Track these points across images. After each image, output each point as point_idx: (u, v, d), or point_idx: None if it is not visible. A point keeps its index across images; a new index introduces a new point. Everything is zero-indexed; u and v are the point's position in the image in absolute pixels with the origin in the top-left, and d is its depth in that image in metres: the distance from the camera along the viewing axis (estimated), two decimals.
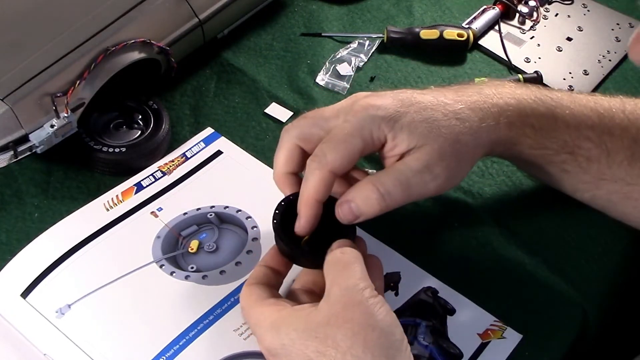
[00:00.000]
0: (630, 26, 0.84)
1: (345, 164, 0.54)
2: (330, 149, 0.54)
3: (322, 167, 0.53)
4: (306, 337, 0.48)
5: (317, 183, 0.53)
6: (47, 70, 0.62)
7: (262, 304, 0.52)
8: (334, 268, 0.51)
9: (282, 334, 0.49)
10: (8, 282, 0.58)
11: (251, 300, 0.52)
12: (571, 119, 0.61)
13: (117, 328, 0.57)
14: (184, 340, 0.56)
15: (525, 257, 0.64)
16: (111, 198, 0.65)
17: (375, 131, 0.55)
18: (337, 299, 0.49)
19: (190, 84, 0.75)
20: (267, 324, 0.50)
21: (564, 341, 0.60)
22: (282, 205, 0.57)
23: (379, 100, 0.56)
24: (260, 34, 0.81)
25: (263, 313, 0.51)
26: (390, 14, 0.85)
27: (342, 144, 0.54)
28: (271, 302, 0.52)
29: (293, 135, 0.57)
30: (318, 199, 0.54)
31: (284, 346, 0.49)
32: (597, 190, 0.63)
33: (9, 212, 0.64)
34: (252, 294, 0.53)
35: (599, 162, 0.61)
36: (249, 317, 0.53)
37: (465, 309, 0.60)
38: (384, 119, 0.55)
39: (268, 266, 0.55)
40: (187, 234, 0.63)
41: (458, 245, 0.65)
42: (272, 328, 0.50)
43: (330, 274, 0.51)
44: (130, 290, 0.59)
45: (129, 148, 0.67)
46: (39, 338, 0.56)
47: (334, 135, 0.55)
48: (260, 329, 0.51)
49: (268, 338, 0.50)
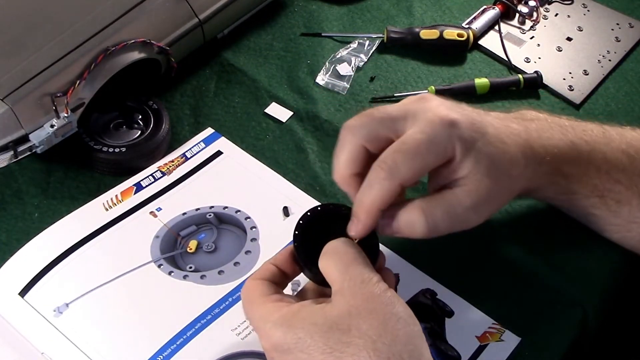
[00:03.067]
0: (630, 26, 0.84)
1: (416, 178, 0.52)
2: (405, 161, 0.51)
3: (392, 178, 0.51)
4: (327, 329, 0.47)
5: (385, 194, 0.52)
6: (47, 70, 0.63)
7: (267, 299, 0.50)
8: (339, 262, 0.50)
9: (296, 328, 0.47)
10: (6, 280, 0.59)
11: (255, 294, 0.51)
12: (603, 164, 0.60)
13: (114, 327, 0.57)
14: (181, 339, 0.56)
15: (524, 258, 0.64)
16: (110, 198, 0.65)
17: (450, 150, 0.52)
18: (354, 292, 0.48)
19: (190, 84, 0.76)
20: (275, 318, 0.48)
21: (564, 342, 0.60)
22: (307, 215, 0.54)
23: (453, 114, 0.53)
24: (260, 34, 0.81)
25: (269, 308, 0.49)
26: (390, 14, 0.85)
27: (418, 158, 0.52)
28: (277, 298, 0.50)
29: (359, 135, 0.54)
30: (382, 208, 0.52)
31: (299, 340, 0.47)
32: (627, 232, 0.62)
33: (9, 212, 0.64)
34: (255, 288, 0.51)
35: (630, 205, 0.60)
36: (252, 312, 0.51)
37: (463, 311, 0.60)
38: (460, 139, 0.52)
39: (277, 266, 0.53)
40: (186, 234, 0.63)
41: (457, 247, 0.65)
42: (284, 323, 0.48)
43: (335, 268, 0.50)
44: (128, 290, 0.59)
45: (129, 148, 0.67)
46: (37, 336, 0.56)
47: (409, 146, 0.52)
48: (267, 323, 0.49)
49: (277, 333, 0.48)
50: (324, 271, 0.51)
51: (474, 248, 0.65)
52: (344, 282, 0.49)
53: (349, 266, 0.49)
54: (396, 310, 0.47)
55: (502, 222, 0.66)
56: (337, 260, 0.50)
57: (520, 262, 0.64)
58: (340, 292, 0.48)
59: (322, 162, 0.70)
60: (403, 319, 0.47)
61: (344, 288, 0.48)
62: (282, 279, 0.53)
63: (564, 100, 0.78)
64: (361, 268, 0.49)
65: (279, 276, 0.53)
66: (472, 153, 0.53)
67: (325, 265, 0.51)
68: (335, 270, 0.50)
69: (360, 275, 0.49)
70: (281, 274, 0.53)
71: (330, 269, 0.50)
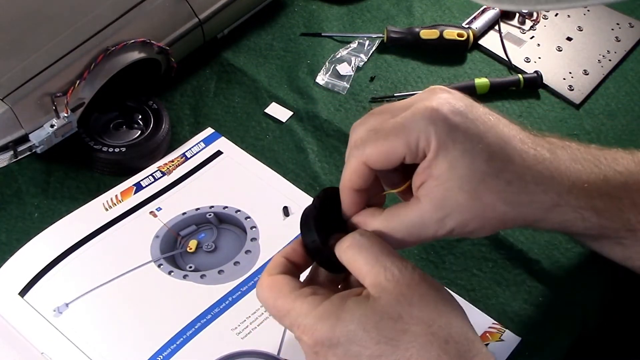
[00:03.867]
0: (630, 26, 0.84)
1: (382, 162, 0.49)
2: (372, 140, 0.49)
3: (357, 155, 0.50)
4: (378, 319, 0.45)
5: (351, 172, 0.50)
6: (47, 70, 0.63)
7: (300, 293, 0.47)
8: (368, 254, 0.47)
9: (346, 320, 0.45)
10: (6, 280, 0.59)
11: (284, 290, 0.48)
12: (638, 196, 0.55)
13: (114, 327, 0.57)
14: (181, 339, 0.56)
15: (524, 258, 0.64)
16: (110, 198, 0.65)
17: (423, 141, 0.48)
18: (396, 281, 0.46)
19: (190, 84, 0.76)
20: (318, 313, 0.46)
21: (564, 342, 0.60)
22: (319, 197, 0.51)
23: (445, 107, 0.49)
24: (260, 34, 0.81)
25: (307, 303, 0.47)
26: (390, 14, 0.85)
27: (383, 141, 0.49)
28: (310, 291, 0.48)
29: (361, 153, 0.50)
30: (352, 187, 0.50)
31: (350, 332, 0.45)
32: None
33: (9, 212, 0.64)
34: (282, 284, 0.49)
35: None
36: (285, 308, 0.48)
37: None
38: (437, 133, 0.48)
39: (288, 259, 0.51)
40: (186, 234, 0.63)
41: (457, 246, 0.65)
42: (331, 316, 0.46)
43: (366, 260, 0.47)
44: (128, 289, 0.59)
45: (129, 148, 0.67)
46: (37, 336, 0.56)
47: (382, 127, 0.49)
48: (308, 318, 0.46)
49: (323, 327, 0.46)
50: (350, 266, 0.48)
51: (474, 248, 0.65)
52: (379, 274, 0.47)
53: (379, 257, 0.47)
54: (442, 293, 0.47)
55: None
56: (365, 253, 0.48)
57: (520, 263, 0.64)
58: (379, 284, 0.46)
59: (322, 162, 0.70)
60: (450, 300, 0.47)
61: (381, 280, 0.46)
62: (295, 271, 0.51)
63: (564, 100, 0.78)
64: (392, 257, 0.47)
65: (292, 269, 0.51)
66: (448, 153, 0.48)
67: (351, 260, 0.48)
68: (365, 264, 0.47)
69: (394, 263, 0.47)
70: (293, 267, 0.51)
71: (359, 264, 0.48)
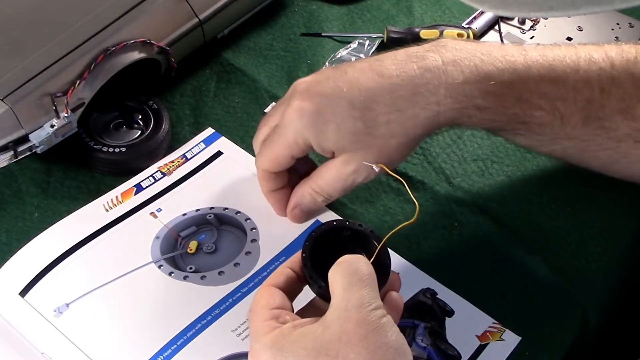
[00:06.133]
0: (630, 26, 0.84)
1: (276, 167, 0.61)
2: (262, 153, 0.62)
3: (259, 166, 0.63)
4: (316, 354, 0.46)
5: (261, 177, 0.63)
6: (47, 70, 0.62)
7: (265, 314, 0.49)
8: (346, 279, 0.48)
9: (285, 352, 0.46)
10: (6, 280, 0.59)
11: (259, 304, 0.50)
12: (524, 92, 0.60)
13: (115, 327, 0.57)
14: (181, 340, 0.56)
15: (525, 258, 0.64)
16: (111, 199, 0.65)
17: (301, 140, 0.59)
18: (349, 315, 0.47)
19: (190, 84, 0.75)
20: (266, 340, 0.47)
21: (564, 342, 0.60)
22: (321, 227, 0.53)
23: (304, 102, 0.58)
24: (260, 34, 0.81)
25: (263, 327, 0.48)
26: (390, 14, 0.84)
27: (269, 151, 0.61)
28: (274, 315, 0.49)
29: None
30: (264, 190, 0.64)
31: None
32: (553, 146, 0.63)
33: (9, 212, 0.64)
34: (262, 297, 0.50)
35: (552, 126, 0.61)
36: (251, 323, 0.50)
37: (464, 310, 0.60)
38: (306, 128, 0.58)
39: (292, 269, 0.52)
40: (186, 235, 0.63)
41: (457, 245, 0.65)
42: (273, 345, 0.47)
43: (341, 284, 0.48)
44: (129, 290, 0.59)
45: (129, 148, 0.67)
46: (37, 337, 0.56)
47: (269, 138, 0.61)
48: (258, 343, 0.48)
49: (265, 356, 0.47)
50: (331, 281, 0.49)
51: (474, 248, 0.65)
52: (342, 301, 0.47)
53: (352, 285, 0.48)
54: (388, 339, 0.46)
55: (502, 222, 0.66)
56: (345, 275, 0.49)
57: (520, 262, 0.64)
58: (336, 312, 0.47)
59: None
60: (394, 348, 0.46)
61: (340, 308, 0.47)
62: (296, 284, 0.52)
63: None
64: (364, 291, 0.48)
65: (294, 281, 0.52)
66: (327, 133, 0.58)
67: (333, 276, 0.49)
68: (339, 285, 0.48)
69: (360, 298, 0.47)
70: (296, 279, 0.52)
71: (337, 282, 0.49)
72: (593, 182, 0.68)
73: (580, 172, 0.67)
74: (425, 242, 0.64)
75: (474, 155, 0.71)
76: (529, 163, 0.71)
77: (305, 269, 0.51)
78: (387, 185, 0.68)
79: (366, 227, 0.53)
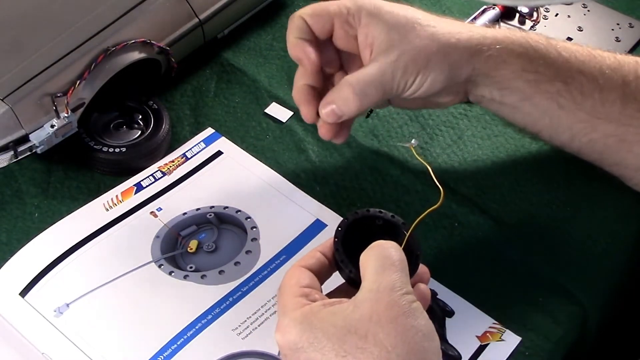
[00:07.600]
0: (630, 26, 0.84)
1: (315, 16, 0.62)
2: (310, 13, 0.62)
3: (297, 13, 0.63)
4: (345, 332, 0.46)
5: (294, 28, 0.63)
6: (47, 70, 0.63)
7: (296, 291, 0.49)
8: (379, 262, 0.49)
9: (315, 327, 0.47)
10: (6, 280, 0.59)
11: (290, 282, 0.50)
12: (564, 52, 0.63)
13: (115, 327, 0.57)
14: (182, 339, 0.56)
15: (525, 258, 0.64)
16: (111, 198, 0.65)
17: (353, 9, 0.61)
18: (380, 297, 0.47)
19: (190, 84, 0.76)
20: (294, 315, 0.48)
21: (564, 343, 0.60)
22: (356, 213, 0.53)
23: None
24: (260, 34, 0.81)
25: (293, 302, 0.49)
26: None
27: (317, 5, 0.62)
28: (304, 292, 0.49)
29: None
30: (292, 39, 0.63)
31: (316, 339, 0.46)
32: (593, 132, 0.63)
33: (9, 212, 0.64)
34: (292, 276, 0.51)
35: (593, 98, 0.61)
36: (280, 299, 0.50)
37: (464, 311, 0.60)
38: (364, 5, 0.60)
39: (323, 254, 0.52)
40: (187, 234, 0.63)
41: (457, 245, 0.65)
42: (303, 321, 0.47)
43: (373, 267, 0.49)
44: (129, 290, 0.59)
45: (129, 148, 0.67)
46: (37, 337, 0.56)
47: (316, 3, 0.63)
48: (287, 317, 0.48)
49: (293, 330, 0.47)
50: (362, 264, 0.50)
51: (474, 248, 0.65)
52: (374, 283, 0.48)
53: (385, 269, 0.48)
54: (417, 323, 0.47)
55: (502, 222, 0.66)
56: (378, 258, 0.49)
57: (520, 262, 0.64)
58: (368, 293, 0.47)
59: (322, 162, 0.70)
60: (422, 332, 0.47)
61: (372, 290, 0.47)
62: (326, 268, 0.52)
63: None
64: (396, 275, 0.48)
65: (324, 265, 0.52)
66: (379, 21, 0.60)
67: (365, 259, 0.49)
68: (372, 268, 0.49)
69: (392, 282, 0.48)
70: (326, 263, 0.52)
71: (369, 265, 0.49)
72: (594, 182, 0.68)
73: (581, 172, 0.67)
74: (425, 242, 0.64)
75: (474, 155, 0.71)
76: (530, 163, 0.71)
77: (337, 253, 0.51)
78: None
79: (398, 218, 0.54)
